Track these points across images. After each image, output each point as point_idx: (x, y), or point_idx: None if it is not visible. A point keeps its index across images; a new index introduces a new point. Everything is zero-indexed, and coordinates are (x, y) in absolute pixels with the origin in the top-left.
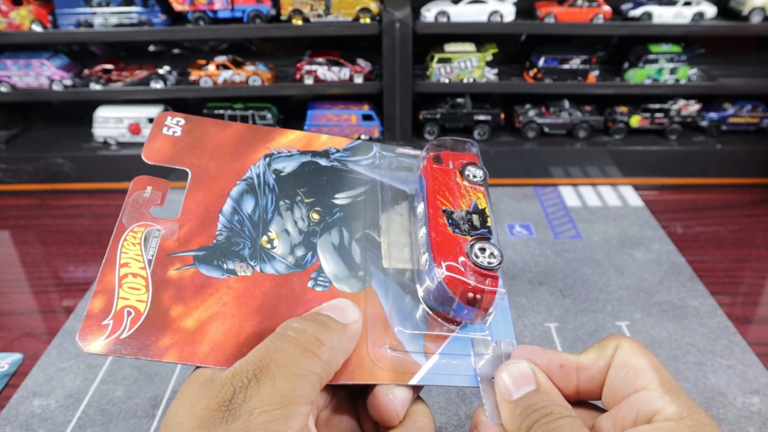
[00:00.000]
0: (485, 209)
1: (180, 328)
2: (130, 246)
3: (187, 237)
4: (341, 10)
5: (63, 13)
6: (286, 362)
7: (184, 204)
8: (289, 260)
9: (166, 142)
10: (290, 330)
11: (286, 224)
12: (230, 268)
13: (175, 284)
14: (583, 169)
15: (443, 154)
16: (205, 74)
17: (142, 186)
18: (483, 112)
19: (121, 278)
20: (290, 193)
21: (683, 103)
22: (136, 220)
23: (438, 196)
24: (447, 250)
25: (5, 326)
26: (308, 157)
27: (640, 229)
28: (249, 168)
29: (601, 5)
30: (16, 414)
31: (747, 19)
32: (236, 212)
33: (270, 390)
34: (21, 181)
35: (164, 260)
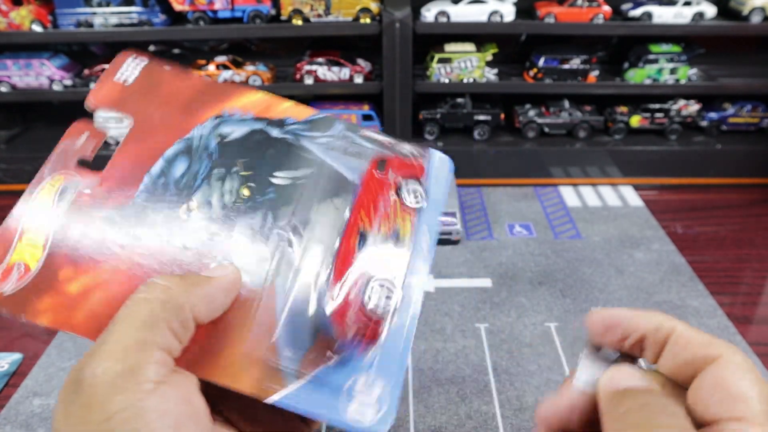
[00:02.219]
0: (406, 239)
1: (63, 291)
2: (44, 196)
3: (103, 194)
4: (341, 10)
5: (63, 13)
6: (133, 315)
7: (113, 157)
8: (205, 237)
9: (116, 91)
10: (142, 289)
11: (212, 195)
12: (137, 234)
13: (72, 245)
14: (583, 169)
15: (390, 160)
16: (205, 74)
17: (78, 132)
18: (483, 112)
19: (21, 233)
20: (227, 162)
21: (683, 103)
22: (59, 169)
23: (362, 211)
24: (341, 277)
25: (5, 326)
26: (261, 124)
27: (640, 229)
28: (194, 127)
29: (601, 5)
30: (16, 413)
31: (747, 19)
32: (163, 174)
33: (113, 345)
34: (21, 181)
35: (73, 218)
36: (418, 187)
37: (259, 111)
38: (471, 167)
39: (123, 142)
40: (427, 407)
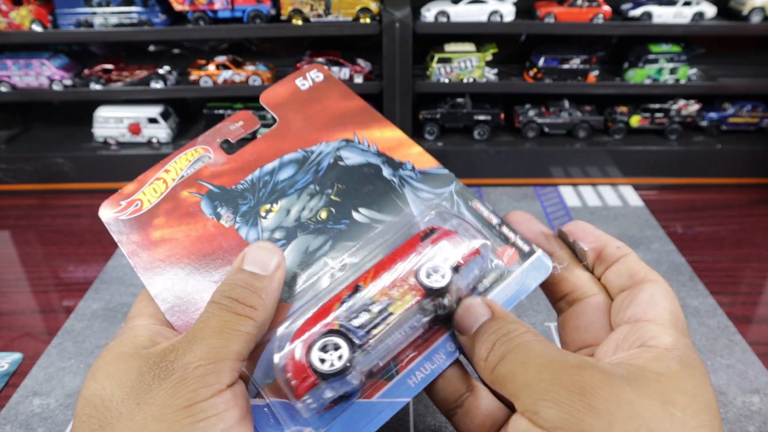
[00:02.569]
0: (390, 315)
1: (149, 234)
2: (183, 160)
3: (221, 172)
4: (341, 10)
5: (63, 13)
6: (222, 326)
7: (247, 146)
8: (264, 235)
9: (287, 90)
10: (224, 300)
11: (294, 206)
12: (220, 212)
13: (177, 202)
14: (583, 169)
15: (440, 232)
16: (205, 74)
17: (236, 119)
18: (483, 112)
19: (156, 178)
20: (326, 183)
21: (683, 103)
22: (206, 142)
23: (374, 270)
24: (311, 325)
25: (5, 326)
26: (379, 160)
27: (640, 228)
28: (320, 143)
29: (601, 5)
30: (16, 413)
31: (747, 19)
32: (271, 174)
33: (205, 348)
34: (21, 181)
35: (190, 181)
36: (446, 272)
37: (385, 147)
38: (471, 167)
39: (260, 138)
40: (426, 407)
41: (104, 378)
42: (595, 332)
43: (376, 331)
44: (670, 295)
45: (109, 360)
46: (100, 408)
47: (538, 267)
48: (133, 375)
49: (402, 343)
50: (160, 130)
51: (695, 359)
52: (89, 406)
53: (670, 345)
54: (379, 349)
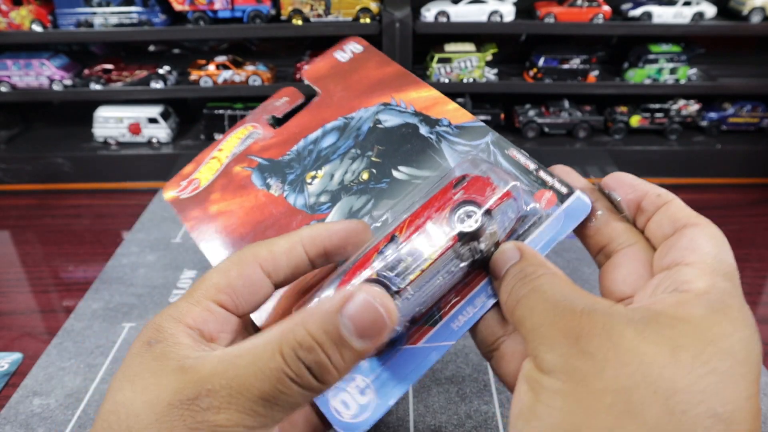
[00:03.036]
0: (425, 261)
1: (206, 208)
2: (234, 138)
3: (269, 146)
4: (341, 10)
5: (63, 13)
6: (275, 396)
7: (291, 119)
8: (311, 200)
9: (328, 63)
10: (292, 358)
11: (337, 170)
12: (270, 183)
13: (230, 177)
14: (583, 169)
15: (472, 179)
16: (205, 74)
17: (281, 95)
18: (483, 112)
19: (211, 158)
20: (367, 146)
21: (683, 103)
22: (254, 120)
23: (411, 219)
24: (351, 276)
25: (5, 326)
26: (416, 119)
27: None
28: (360, 109)
29: (601, 5)
30: (16, 413)
31: (747, 19)
32: (315, 142)
33: (244, 413)
34: (21, 181)
35: (241, 157)
36: (476, 210)
37: (422, 107)
38: None
39: (303, 110)
40: (426, 407)
41: (141, 390)
42: (632, 283)
43: (412, 277)
44: (717, 239)
45: (150, 367)
46: (124, 424)
47: (578, 207)
48: (166, 399)
49: (443, 288)
50: (160, 130)
51: (732, 305)
52: (114, 415)
53: (702, 289)
54: (419, 295)
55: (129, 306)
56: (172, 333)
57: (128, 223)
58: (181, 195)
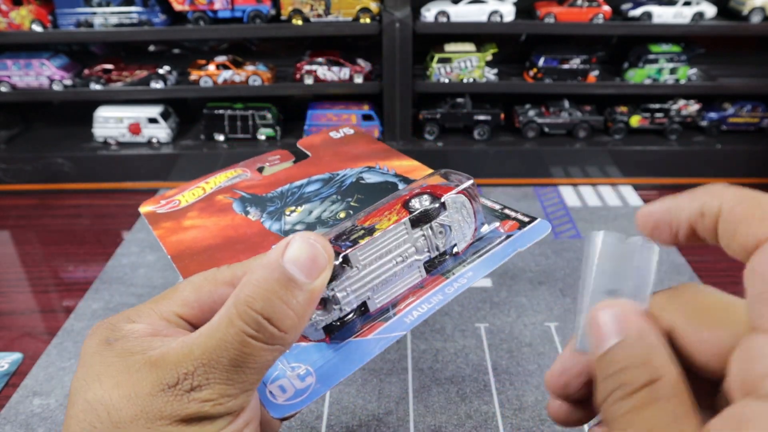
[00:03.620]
0: (375, 230)
1: (180, 222)
2: (223, 176)
3: (255, 185)
4: (341, 10)
5: (63, 13)
6: (243, 359)
7: (280, 171)
8: (286, 227)
9: (322, 138)
10: (250, 318)
11: (317, 208)
12: (249, 211)
13: (211, 202)
14: (583, 169)
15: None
16: (205, 74)
17: (275, 153)
18: (483, 112)
19: (196, 186)
20: (348, 194)
21: (683, 103)
22: (246, 166)
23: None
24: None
25: (5, 326)
26: (396, 179)
27: None
28: (345, 169)
29: (601, 5)
30: (16, 413)
31: (747, 19)
32: (299, 187)
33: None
34: (21, 181)
35: (226, 189)
36: (429, 199)
37: (402, 171)
38: (471, 167)
39: (293, 165)
40: (426, 407)
41: (112, 387)
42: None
43: (362, 242)
44: None
45: (116, 364)
46: (106, 422)
47: (541, 227)
48: (144, 391)
49: (398, 282)
50: (160, 130)
51: None
52: (93, 414)
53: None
54: (371, 271)
55: (129, 306)
56: (130, 330)
57: (128, 223)
58: (158, 210)
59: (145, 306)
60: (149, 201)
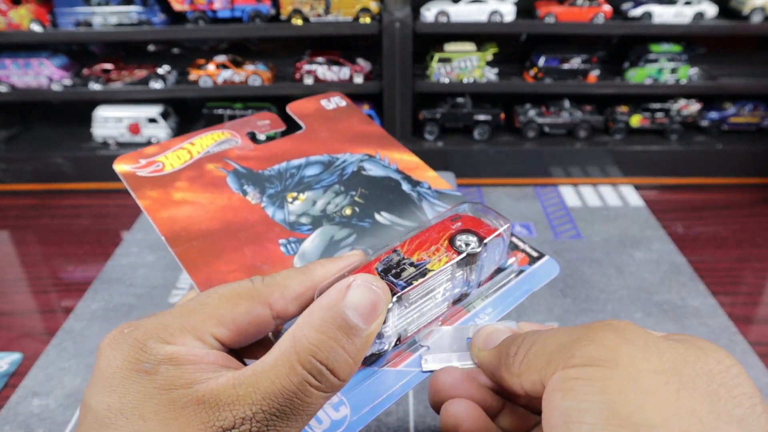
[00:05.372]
0: (428, 271)
1: (169, 193)
2: (209, 138)
3: (247, 156)
4: (341, 9)
5: (62, 13)
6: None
7: (274, 141)
8: (291, 218)
9: (313, 106)
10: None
11: (320, 199)
12: (246, 189)
13: (200, 171)
14: (583, 169)
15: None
16: (205, 74)
17: (265, 117)
18: (483, 112)
19: (180, 147)
20: (351, 186)
21: (684, 103)
22: (233, 128)
23: (409, 240)
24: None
25: (4, 326)
26: (398, 176)
27: (641, 228)
28: (344, 152)
29: (602, 5)
30: (15, 414)
31: (747, 19)
32: (297, 168)
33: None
34: (20, 181)
35: (216, 157)
36: (474, 239)
37: (404, 167)
38: (471, 167)
39: (287, 137)
40: (427, 407)
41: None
42: None
43: (415, 283)
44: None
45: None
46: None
47: (549, 267)
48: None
49: (430, 313)
50: (159, 130)
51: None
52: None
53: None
54: (414, 308)
55: (129, 306)
56: (166, 355)
57: (128, 223)
58: (138, 172)
59: (175, 321)
60: (125, 157)
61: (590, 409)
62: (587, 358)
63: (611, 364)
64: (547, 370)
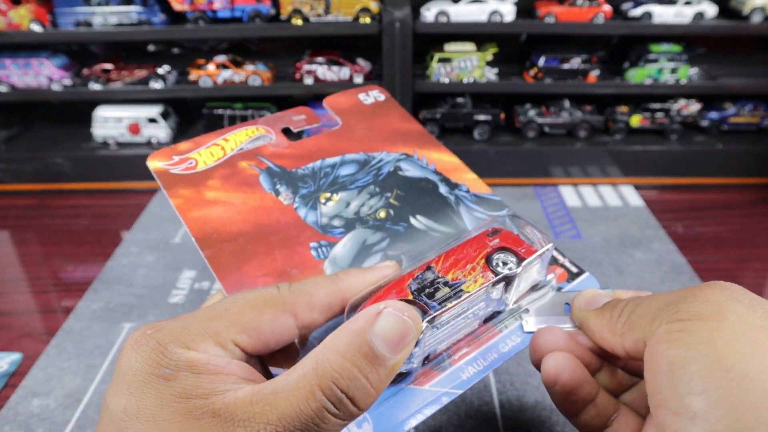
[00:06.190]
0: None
1: (201, 192)
2: (243, 134)
3: (282, 154)
4: (341, 9)
5: (62, 13)
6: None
7: (308, 138)
8: (323, 220)
9: (350, 101)
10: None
11: (354, 200)
12: (279, 189)
13: (234, 170)
14: (583, 169)
15: (503, 232)
16: (205, 74)
17: (300, 112)
18: (483, 112)
19: (214, 143)
20: (386, 187)
21: (684, 103)
22: (268, 124)
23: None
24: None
25: (4, 326)
26: (436, 177)
27: (641, 229)
28: (381, 151)
29: (602, 5)
30: (15, 414)
31: (747, 19)
32: (332, 167)
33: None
34: (20, 180)
35: (249, 154)
36: (512, 259)
37: (442, 169)
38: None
39: (322, 134)
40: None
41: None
42: None
43: (449, 305)
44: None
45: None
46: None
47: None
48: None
49: (460, 332)
50: (159, 130)
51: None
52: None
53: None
54: (446, 328)
55: (128, 306)
56: (187, 362)
57: (128, 223)
58: (172, 169)
59: (198, 325)
60: (158, 154)
61: (696, 357)
62: (693, 313)
63: (717, 317)
64: (651, 328)
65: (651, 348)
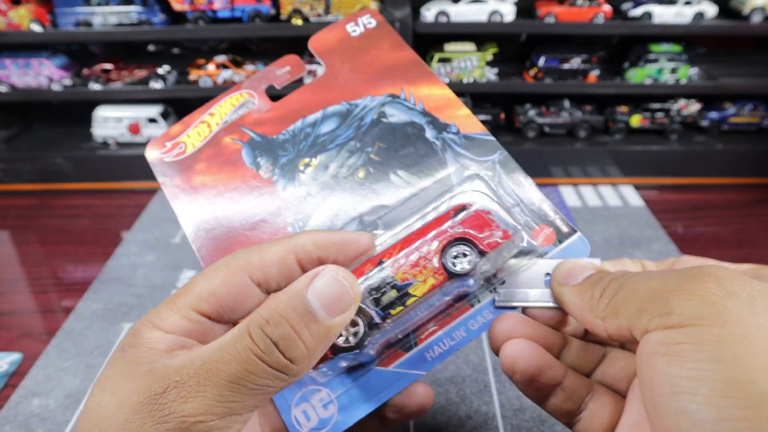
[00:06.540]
0: (409, 297)
1: (190, 178)
2: (227, 104)
3: (264, 120)
4: (341, 9)
5: (62, 13)
6: (242, 377)
7: (292, 93)
8: (300, 191)
9: (337, 36)
10: (260, 338)
11: (333, 162)
12: (260, 162)
13: (219, 148)
14: (583, 169)
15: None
16: (205, 74)
17: (283, 63)
18: (483, 112)
19: (201, 121)
20: (367, 140)
21: (684, 103)
22: (251, 87)
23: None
24: None
25: (4, 326)
26: (423, 120)
27: (641, 229)
28: (365, 96)
29: (602, 5)
30: (15, 414)
31: (747, 19)
32: (313, 126)
33: (212, 400)
34: (20, 181)
35: (233, 127)
36: (470, 251)
37: (432, 107)
38: None
39: (306, 86)
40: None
41: (110, 395)
42: None
43: (394, 312)
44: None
45: (121, 371)
46: (95, 429)
47: (577, 248)
48: (134, 399)
49: (422, 318)
50: (159, 130)
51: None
52: (86, 421)
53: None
54: (398, 325)
55: (128, 306)
56: (147, 338)
57: (128, 223)
58: (165, 157)
59: (165, 304)
60: (154, 143)
61: (703, 378)
62: (689, 316)
63: (718, 322)
64: (639, 320)
65: (646, 359)
